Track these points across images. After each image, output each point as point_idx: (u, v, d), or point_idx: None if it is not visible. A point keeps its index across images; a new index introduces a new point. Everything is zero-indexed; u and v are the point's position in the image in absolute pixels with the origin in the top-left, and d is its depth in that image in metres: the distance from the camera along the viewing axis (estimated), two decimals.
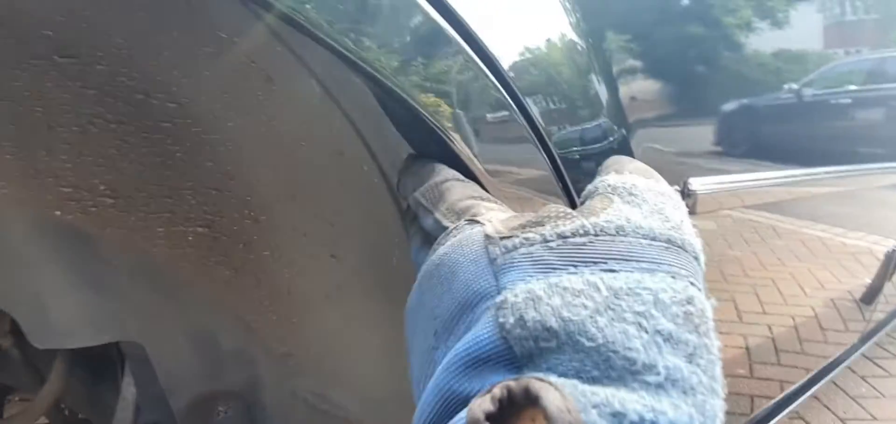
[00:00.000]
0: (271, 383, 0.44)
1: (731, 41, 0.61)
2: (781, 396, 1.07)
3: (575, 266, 0.19)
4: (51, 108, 0.32)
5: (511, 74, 0.33)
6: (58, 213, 0.34)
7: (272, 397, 0.45)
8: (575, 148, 0.37)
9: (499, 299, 0.19)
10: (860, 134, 1.02)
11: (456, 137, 0.31)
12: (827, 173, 0.83)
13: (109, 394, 0.48)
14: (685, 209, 0.23)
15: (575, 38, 0.38)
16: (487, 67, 0.31)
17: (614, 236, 0.20)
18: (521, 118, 0.33)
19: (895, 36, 1.07)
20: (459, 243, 0.23)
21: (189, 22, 0.31)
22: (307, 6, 0.26)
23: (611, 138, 0.40)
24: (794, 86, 0.81)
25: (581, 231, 0.20)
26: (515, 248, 0.21)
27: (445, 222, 0.27)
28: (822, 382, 1.18)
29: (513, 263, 0.20)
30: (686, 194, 0.49)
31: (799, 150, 0.83)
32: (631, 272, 0.19)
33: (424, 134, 0.31)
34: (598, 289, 0.18)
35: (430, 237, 0.27)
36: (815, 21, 0.89)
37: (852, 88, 0.98)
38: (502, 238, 0.21)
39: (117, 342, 0.42)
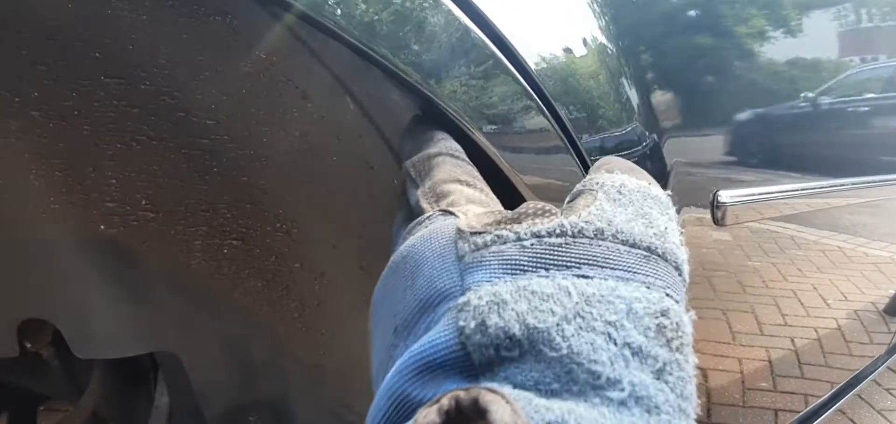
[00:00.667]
0: (300, 393, 0.45)
1: (766, 48, 0.61)
2: (806, 410, 1.05)
3: (546, 269, 0.18)
4: (97, 126, 0.34)
5: (542, 79, 0.33)
6: (102, 227, 0.35)
7: (301, 407, 0.45)
8: (608, 155, 0.37)
9: (461, 300, 0.17)
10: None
11: (487, 143, 0.31)
12: (862, 182, 0.82)
13: (141, 403, 0.49)
14: (674, 215, 0.22)
15: (605, 41, 0.38)
16: (520, 73, 0.32)
17: (592, 239, 0.19)
18: (555, 125, 0.33)
19: None
20: (429, 235, 0.21)
21: (229, 43, 0.33)
22: (339, 15, 0.27)
23: (643, 144, 0.40)
24: (823, 94, 0.81)
25: (558, 231, 0.19)
26: (486, 245, 0.19)
27: (424, 204, 0.25)
28: (848, 396, 1.15)
29: (481, 262, 0.19)
30: (716, 206, 0.49)
31: (830, 159, 0.82)
32: (605, 279, 0.17)
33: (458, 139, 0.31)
34: (569, 294, 0.17)
35: (413, 214, 0.26)
36: (832, 28, 0.89)
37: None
38: (473, 234, 0.20)
39: (151, 352, 0.43)
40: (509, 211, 0.21)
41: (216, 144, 0.36)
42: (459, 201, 0.24)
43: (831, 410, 1.10)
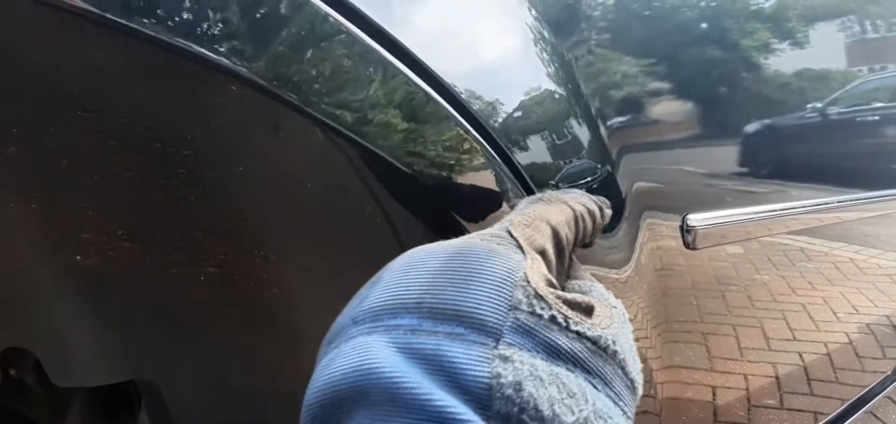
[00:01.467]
0: (277, 420, 0.45)
1: (727, 72, 0.61)
2: None
3: (574, 365, 0.20)
4: (75, 159, 0.34)
5: (494, 127, 0.34)
6: (79, 257, 0.36)
7: None
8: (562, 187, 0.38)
9: (504, 350, 0.19)
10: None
11: (440, 191, 0.32)
12: (852, 200, 0.81)
13: None
14: None
15: (553, 86, 0.39)
16: (470, 124, 0.32)
17: (610, 357, 0.22)
18: (505, 167, 0.34)
19: None
20: (501, 259, 0.23)
21: (203, 78, 0.33)
22: (297, 84, 0.28)
23: (592, 178, 0.42)
24: (818, 105, 0.80)
25: (595, 340, 0.21)
26: (540, 318, 0.21)
27: (517, 219, 0.27)
28: (859, 413, 1.12)
29: (531, 331, 0.20)
30: (686, 229, 0.49)
31: (822, 170, 0.82)
32: (606, 397, 0.21)
33: (410, 189, 0.32)
34: (586, 400, 0.19)
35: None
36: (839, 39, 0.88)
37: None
38: (537, 297, 0.21)
39: (133, 379, 0.44)
40: (573, 293, 0.24)
41: (192, 174, 0.37)
42: (538, 239, 0.27)
43: None
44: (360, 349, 0.19)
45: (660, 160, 0.50)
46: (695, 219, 0.50)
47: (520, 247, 0.25)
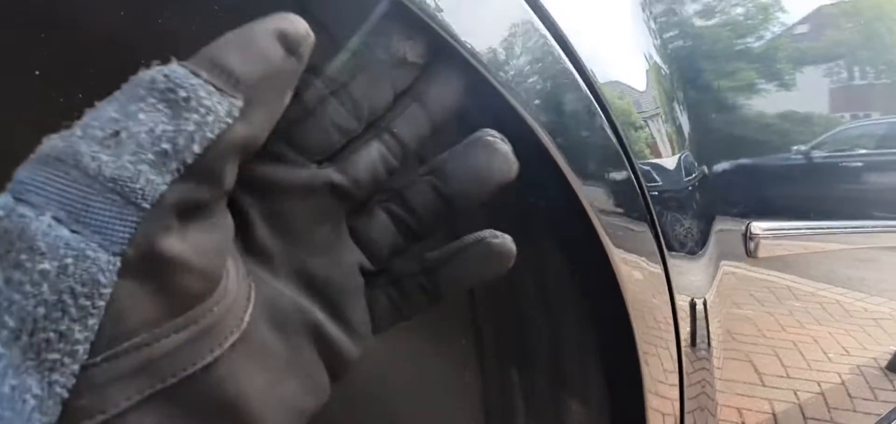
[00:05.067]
0: None
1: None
2: None
3: None
4: None
5: (604, 90, 0.31)
6: None
7: None
8: (657, 183, 0.35)
9: None
10: None
11: (556, 151, 0.30)
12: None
13: None
14: None
15: (660, 61, 0.36)
16: (582, 78, 0.30)
17: None
18: (613, 137, 0.32)
19: None
20: None
21: None
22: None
23: (693, 175, 0.38)
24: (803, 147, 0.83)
25: None
26: None
27: None
28: None
29: None
30: (749, 237, 0.46)
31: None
32: None
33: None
34: None
35: None
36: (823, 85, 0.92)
37: None
38: None
39: None
40: None
41: None
42: None
43: None
44: None
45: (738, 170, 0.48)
46: (759, 227, 0.49)
47: None
